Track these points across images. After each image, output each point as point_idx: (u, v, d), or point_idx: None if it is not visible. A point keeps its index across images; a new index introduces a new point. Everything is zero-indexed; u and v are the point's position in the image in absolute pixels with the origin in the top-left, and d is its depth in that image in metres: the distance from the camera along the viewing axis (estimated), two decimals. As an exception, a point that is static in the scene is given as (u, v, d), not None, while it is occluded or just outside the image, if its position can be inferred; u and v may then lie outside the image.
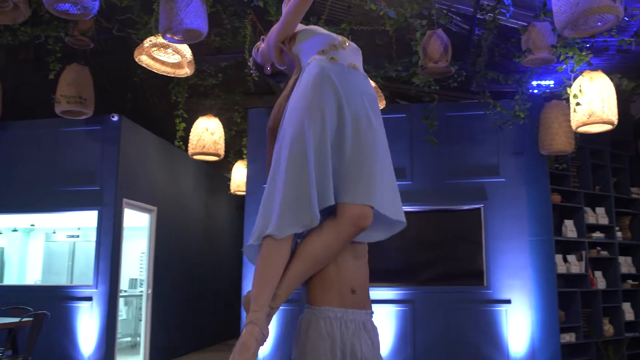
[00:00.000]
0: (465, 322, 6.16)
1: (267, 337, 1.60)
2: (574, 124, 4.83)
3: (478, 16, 4.93)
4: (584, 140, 6.26)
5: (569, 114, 5.55)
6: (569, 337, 6.04)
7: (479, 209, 6.32)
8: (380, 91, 5.18)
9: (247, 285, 6.62)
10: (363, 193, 1.70)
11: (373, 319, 1.86)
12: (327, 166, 1.69)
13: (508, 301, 6.13)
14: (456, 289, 6.24)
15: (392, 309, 6.28)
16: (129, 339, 9.58)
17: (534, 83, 5.82)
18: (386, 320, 6.21)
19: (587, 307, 6.35)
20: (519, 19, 4.99)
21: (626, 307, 6.63)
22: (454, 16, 5.18)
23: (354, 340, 1.73)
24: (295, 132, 1.73)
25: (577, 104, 4.61)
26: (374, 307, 1.88)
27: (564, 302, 6.18)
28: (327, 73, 1.82)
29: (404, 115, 6.58)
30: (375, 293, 6.16)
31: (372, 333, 1.80)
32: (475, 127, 6.48)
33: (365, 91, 1.89)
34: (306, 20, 4.88)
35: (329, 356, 1.68)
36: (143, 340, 7.59)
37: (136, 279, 10.19)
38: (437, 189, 6.43)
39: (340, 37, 2.00)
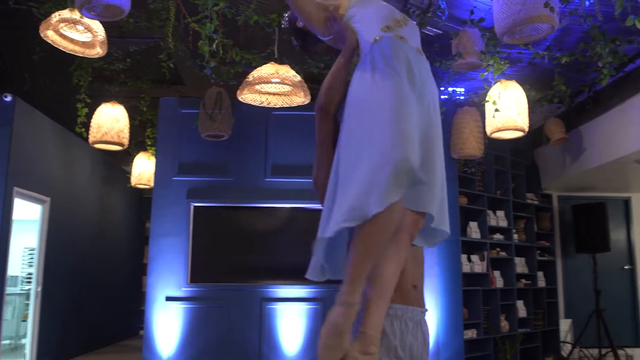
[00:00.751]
0: (375, 320, 6.24)
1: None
2: (488, 129, 5.05)
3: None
4: (489, 147, 6.58)
5: (479, 120, 5.81)
6: (471, 333, 6.33)
7: (390, 208, 6.43)
8: (305, 86, 5.08)
9: (152, 282, 6.23)
10: (423, 198, 1.53)
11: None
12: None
13: (416, 299, 6.29)
14: (366, 288, 6.31)
15: (303, 307, 6.22)
16: (8, 341, 8.78)
17: (450, 89, 6.02)
18: (297, 318, 6.15)
19: (486, 304, 6.69)
20: (438, 26, 5.11)
21: (519, 304, 7.08)
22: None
23: (412, 339, 1.65)
24: (376, 128, 1.46)
25: (496, 110, 4.82)
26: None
27: (467, 300, 6.46)
28: (406, 57, 1.56)
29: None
30: (286, 291, 6.09)
31: (426, 333, 1.74)
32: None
33: (433, 82, 1.66)
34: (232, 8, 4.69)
35: (391, 355, 1.58)
36: (30, 341, 6.98)
37: (17, 277, 9.36)
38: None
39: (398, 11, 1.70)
